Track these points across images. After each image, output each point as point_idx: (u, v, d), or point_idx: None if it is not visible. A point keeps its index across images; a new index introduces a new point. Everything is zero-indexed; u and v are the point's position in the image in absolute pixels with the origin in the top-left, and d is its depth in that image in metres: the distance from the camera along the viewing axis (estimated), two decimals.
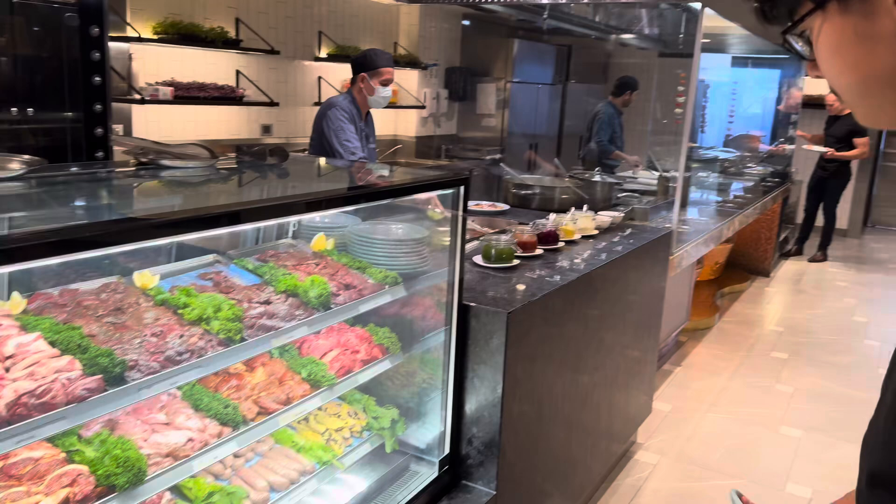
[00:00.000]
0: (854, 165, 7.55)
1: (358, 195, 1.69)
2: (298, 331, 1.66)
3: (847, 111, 7.19)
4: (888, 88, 0.68)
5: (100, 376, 1.33)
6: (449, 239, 2.05)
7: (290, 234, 2.16)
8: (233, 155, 1.96)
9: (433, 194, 1.98)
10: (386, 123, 6.34)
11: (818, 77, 0.78)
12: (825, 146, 7.26)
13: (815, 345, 4.96)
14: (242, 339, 1.55)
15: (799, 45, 0.75)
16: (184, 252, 1.88)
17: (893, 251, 8.33)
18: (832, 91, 0.79)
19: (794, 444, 3.52)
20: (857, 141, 7.04)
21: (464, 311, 2.04)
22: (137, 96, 4.24)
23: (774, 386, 4.21)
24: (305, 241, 2.13)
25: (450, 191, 1.98)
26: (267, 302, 1.70)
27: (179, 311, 1.58)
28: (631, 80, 6.03)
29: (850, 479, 3.23)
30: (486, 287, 2.23)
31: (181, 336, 1.49)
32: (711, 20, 4.16)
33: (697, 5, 3.47)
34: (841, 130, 7.11)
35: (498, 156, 6.81)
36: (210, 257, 1.90)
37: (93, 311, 1.54)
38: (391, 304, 2.00)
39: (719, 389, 4.13)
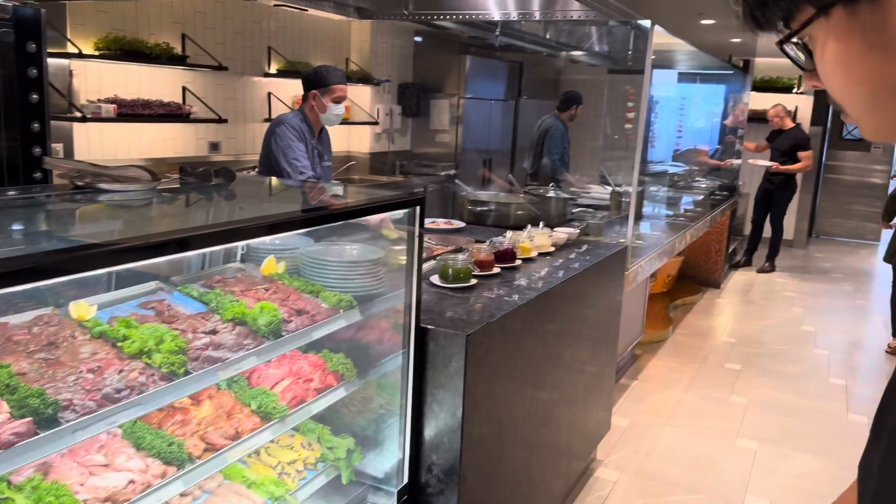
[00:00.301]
0: (799, 178, 7.78)
1: (309, 218, 1.63)
2: (247, 361, 1.58)
3: (790, 126, 7.41)
4: None
5: (30, 419, 1.23)
6: (405, 259, 2.00)
7: (239, 257, 2.08)
8: (176, 176, 1.87)
9: (388, 215, 1.93)
10: (339, 140, 6.25)
11: (815, 87, 0.72)
12: (770, 160, 7.46)
13: (766, 355, 5.05)
14: (187, 373, 1.46)
15: (794, 54, 0.68)
16: (124, 279, 1.78)
17: (837, 261, 8.60)
18: (831, 103, 0.73)
19: (751, 456, 3.55)
20: (800, 154, 7.25)
21: (422, 333, 1.99)
22: (78, 114, 4.08)
23: (729, 397, 4.26)
24: (255, 265, 2.05)
25: (405, 211, 1.93)
26: (213, 331, 1.61)
27: (118, 345, 1.49)
28: (576, 94, 6.13)
29: (805, 489, 3.27)
30: (445, 308, 2.18)
31: (120, 371, 1.40)
32: (659, 37, 4.22)
33: (647, 23, 3.51)
34: (785, 144, 7.32)
35: (452, 171, 6.80)
36: (152, 284, 1.81)
37: (23, 347, 1.43)
38: (346, 328, 1.93)
39: (675, 402, 4.16)
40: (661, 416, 3.96)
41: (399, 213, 1.97)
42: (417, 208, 1.90)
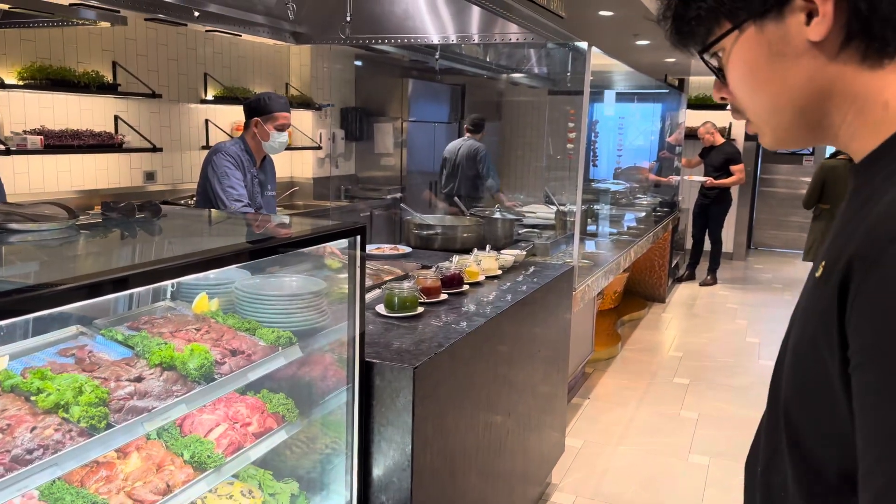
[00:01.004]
0: (734, 191, 7.99)
1: (241, 253, 1.54)
2: (176, 409, 1.47)
3: (721, 142, 7.62)
4: (798, 107, 0.72)
5: None
6: (347, 290, 1.92)
7: (169, 295, 1.96)
8: (98, 211, 1.76)
9: (327, 245, 1.86)
10: (282, 166, 6.13)
11: (723, 99, 0.80)
12: (704, 175, 7.64)
13: (713, 368, 5.11)
14: (108, 426, 1.35)
15: (712, 66, 0.78)
16: (42, 324, 1.65)
17: (775, 271, 8.84)
18: (735, 112, 0.80)
19: (704, 473, 3.56)
20: (733, 168, 7.46)
21: (367, 368, 1.91)
22: (2, 146, 3.88)
23: (679, 413, 4.28)
24: (187, 303, 1.94)
25: (345, 241, 1.86)
26: (138, 379, 1.50)
27: (32, 398, 1.37)
28: (483, 117, 6.58)
29: None
30: (391, 339, 2.11)
31: (33, 429, 1.28)
32: (597, 58, 4.28)
33: (584, 45, 3.55)
34: (717, 159, 7.52)
35: (399, 195, 6.74)
36: (73, 329, 1.68)
37: None
38: (287, 366, 1.84)
39: (628, 420, 4.15)
40: (614, 436, 3.94)
41: (341, 243, 1.90)
42: (357, 238, 1.83)
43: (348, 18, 2.88)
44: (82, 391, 1.39)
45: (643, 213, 6.55)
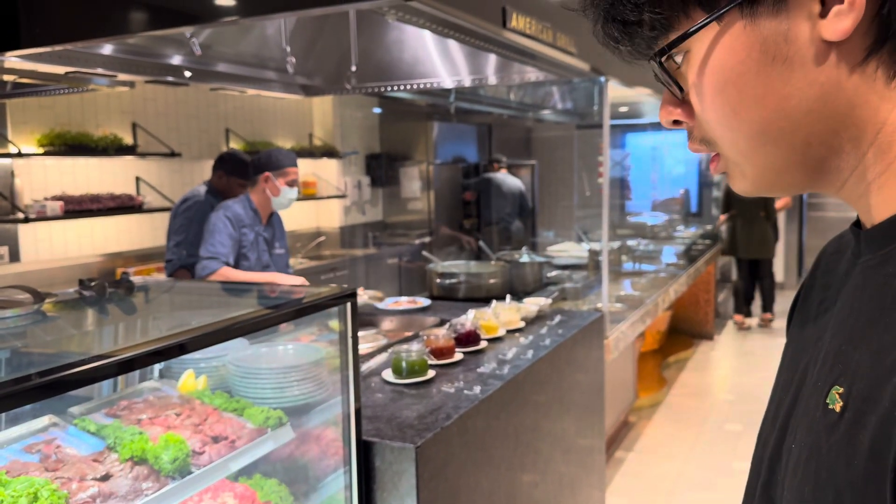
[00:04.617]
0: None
1: (211, 335, 1.39)
2: None
3: None
4: (800, 137, 0.52)
5: None
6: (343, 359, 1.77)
7: (157, 373, 1.83)
8: (73, 290, 1.65)
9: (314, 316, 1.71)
10: (308, 216, 6.09)
11: (676, 124, 0.59)
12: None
13: None
14: None
15: (663, 76, 0.57)
16: (13, 415, 1.53)
17: None
18: (697, 142, 0.59)
19: None
20: None
21: (366, 447, 1.73)
22: (21, 215, 3.88)
23: (731, 464, 3.96)
24: (175, 381, 1.80)
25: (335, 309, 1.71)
26: (105, 477, 1.36)
27: None
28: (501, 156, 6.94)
29: None
30: (397, 410, 1.94)
31: None
32: (624, 89, 4.12)
33: (601, 78, 3.39)
34: None
35: (427, 239, 6.62)
36: (45, 419, 1.55)
37: None
38: (278, 448, 1.68)
39: (676, 475, 3.86)
40: (661, 493, 3.65)
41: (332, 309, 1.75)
42: (348, 305, 1.68)
43: (353, 68, 2.79)
44: (38, 497, 1.25)
45: (683, 247, 6.27)
